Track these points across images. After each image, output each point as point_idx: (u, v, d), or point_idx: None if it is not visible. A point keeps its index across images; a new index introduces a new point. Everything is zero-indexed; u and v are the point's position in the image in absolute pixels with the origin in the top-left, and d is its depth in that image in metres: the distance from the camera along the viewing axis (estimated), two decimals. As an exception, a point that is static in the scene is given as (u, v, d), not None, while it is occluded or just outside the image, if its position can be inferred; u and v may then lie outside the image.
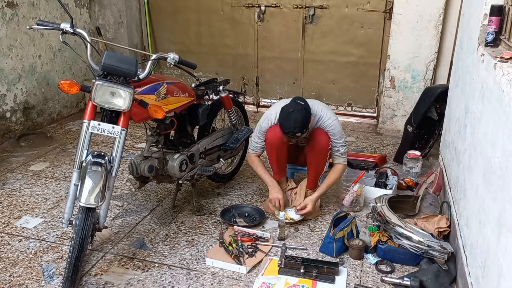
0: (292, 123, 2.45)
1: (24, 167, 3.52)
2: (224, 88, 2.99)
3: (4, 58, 3.89)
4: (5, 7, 3.84)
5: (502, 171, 1.56)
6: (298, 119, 2.45)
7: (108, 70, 2.08)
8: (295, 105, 2.51)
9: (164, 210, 2.90)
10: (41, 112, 4.40)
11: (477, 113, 2.12)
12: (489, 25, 2.16)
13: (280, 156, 2.75)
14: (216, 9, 4.90)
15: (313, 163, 2.74)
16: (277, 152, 2.71)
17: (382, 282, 2.21)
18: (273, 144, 2.69)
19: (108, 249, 2.47)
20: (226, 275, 2.26)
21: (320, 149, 2.67)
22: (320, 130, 2.67)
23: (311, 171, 2.78)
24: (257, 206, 2.90)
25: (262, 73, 5.01)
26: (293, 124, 2.45)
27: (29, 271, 2.28)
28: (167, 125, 2.57)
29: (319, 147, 2.66)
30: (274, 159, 2.76)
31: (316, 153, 2.69)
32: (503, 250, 1.47)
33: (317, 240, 2.57)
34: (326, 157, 2.71)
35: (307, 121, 2.49)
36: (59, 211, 2.86)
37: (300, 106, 2.51)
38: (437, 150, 3.47)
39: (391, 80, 4.21)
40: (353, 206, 2.87)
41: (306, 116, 2.48)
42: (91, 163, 2.01)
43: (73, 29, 2.19)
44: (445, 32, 4.00)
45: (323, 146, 2.66)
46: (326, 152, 2.68)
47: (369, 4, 4.39)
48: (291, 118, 2.46)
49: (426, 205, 2.93)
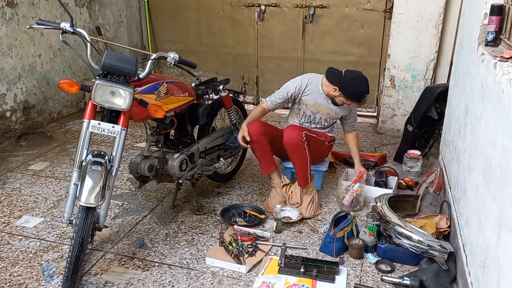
0: (366, 85, 2.76)
1: (24, 167, 3.52)
2: (224, 88, 2.98)
3: (4, 58, 3.89)
4: (5, 6, 3.84)
5: (502, 170, 1.56)
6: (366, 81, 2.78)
7: (108, 70, 2.08)
8: (353, 71, 2.80)
9: (164, 209, 2.90)
10: (41, 111, 4.40)
11: (477, 112, 2.12)
12: (489, 24, 2.16)
13: (264, 151, 2.80)
14: (216, 9, 4.91)
15: (294, 160, 2.78)
16: (259, 147, 2.78)
17: (382, 282, 2.21)
18: (253, 141, 2.74)
19: (108, 249, 2.47)
20: (226, 275, 2.26)
21: (293, 145, 2.70)
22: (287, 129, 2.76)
23: (296, 168, 2.81)
24: (257, 205, 2.90)
25: (262, 72, 5.01)
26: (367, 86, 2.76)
27: (29, 271, 2.28)
28: (167, 125, 2.57)
29: (291, 143, 2.70)
30: (258, 154, 2.84)
31: (292, 149, 2.72)
32: (503, 249, 1.47)
33: (317, 240, 2.57)
34: (304, 150, 2.72)
35: None
36: (59, 210, 2.86)
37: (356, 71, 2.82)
38: (437, 150, 3.47)
39: (391, 79, 4.21)
40: (353, 206, 2.87)
41: None
42: (91, 163, 2.01)
43: (73, 29, 2.18)
44: (445, 31, 4.00)
45: (296, 140, 2.69)
46: (302, 145, 2.70)
47: (369, 4, 4.39)
48: (362, 82, 2.76)
49: (426, 205, 2.92)
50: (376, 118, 4.67)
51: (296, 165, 2.79)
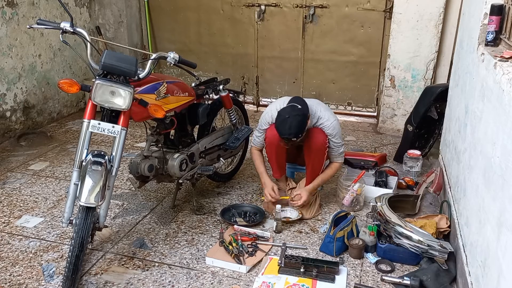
0: (287, 129, 2.45)
1: (24, 167, 3.52)
2: (224, 88, 2.98)
3: (4, 58, 3.89)
4: (5, 6, 3.84)
5: (502, 170, 1.56)
6: (294, 125, 2.44)
7: (108, 70, 2.08)
8: (291, 111, 2.49)
9: (164, 209, 2.90)
10: (41, 111, 4.40)
11: (477, 112, 2.12)
12: (489, 24, 2.16)
13: (279, 156, 2.76)
14: (216, 9, 4.90)
15: (311, 163, 2.75)
16: (276, 151, 2.73)
17: (382, 282, 2.21)
18: (272, 143, 2.70)
19: (108, 249, 2.47)
20: (226, 275, 2.26)
21: (317, 149, 2.67)
22: (317, 129, 2.67)
23: (308, 170, 2.78)
24: (257, 205, 2.90)
25: (262, 72, 5.00)
26: (288, 131, 2.45)
27: (29, 271, 2.28)
28: (167, 125, 2.57)
29: (316, 147, 2.67)
30: (273, 158, 2.78)
31: (313, 153, 2.69)
32: (503, 249, 1.47)
33: (317, 240, 2.57)
34: (323, 155, 2.71)
35: (302, 127, 2.48)
36: (59, 210, 2.86)
37: (296, 111, 2.49)
38: (437, 150, 3.47)
39: (391, 79, 4.21)
40: (353, 206, 2.86)
41: (301, 122, 2.47)
42: (91, 163, 2.01)
43: (73, 29, 2.18)
44: (445, 31, 4.00)
45: (320, 145, 2.66)
46: (323, 151, 2.69)
47: (369, 4, 4.38)
48: (286, 124, 2.45)
49: (426, 205, 2.92)
50: (376, 118, 4.67)
51: (312, 167, 2.76)
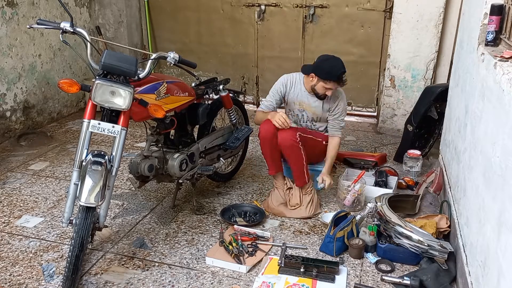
0: (340, 63, 2.67)
1: (24, 166, 3.52)
2: (224, 87, 2.98)
3: (4, 57, 3.89)
4: (5, 6, 3.84)
5: (502, 170, 1.56)
6: (340, 61, 2.68)
7: (108, 69, 2.07)
8: (325, 55, 2.74)
9: (164, 209, 2.90)
10: (41, 111, 4.40)
11: (477, 112, 2.12)
12: (489, 24, 2.16)
13: (274, 151, 2.77)
14: (216, 8, 4.90)
15: (290, 161, 2.78)
16: (270, 146, 2.74)
17: (382, 281, 2.21)
18: (266, 138, 2.72)
19: (108, 248, 2.47)
20: (226, 275, 2.26)
21: (288, 145, 2.69)
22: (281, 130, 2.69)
23: (293, 169, 2.81)
24: (257, 205, 2.90)
25: (262, 72, 5.00)
26: (341, 64, 2.66)
27: (29, 270, 2.28)
28: (167, 124, 2.57)
29: (285, 144, 2.69)
30: (268, 153, 2.79)
31: (286, 150, 2.72)
32: (503, 249, 1.47)
33: (317, 240, 2.57)
34: (298, 150, 2.72)
35: None
36: (59, 210, 2.86)
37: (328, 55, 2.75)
38: (437, 149, 3.47)
39: (391, 79, 4.21)
40: (355, 206, 2.86)
41: None
42: (91, 162, 2.01)
43: (73, 28, 2.18)
44: (445, 31, 4.00)
45: (291, 141, 2.68)
46: (296, 146, 2.70)
47: (369, 3, 4.38)
48: (335, 61, 2.68)
49: (426, 205, 2.92)
50: (376, 118, 4.67)
51: (292, 165, 2.79)
